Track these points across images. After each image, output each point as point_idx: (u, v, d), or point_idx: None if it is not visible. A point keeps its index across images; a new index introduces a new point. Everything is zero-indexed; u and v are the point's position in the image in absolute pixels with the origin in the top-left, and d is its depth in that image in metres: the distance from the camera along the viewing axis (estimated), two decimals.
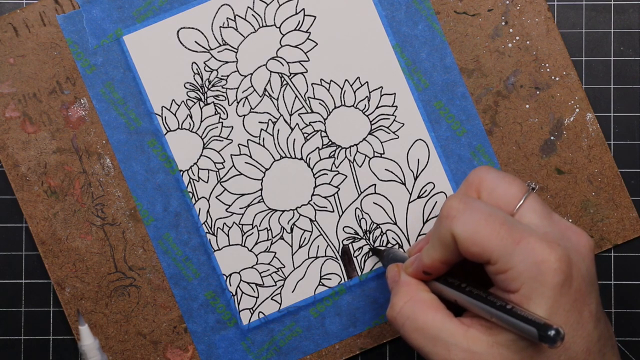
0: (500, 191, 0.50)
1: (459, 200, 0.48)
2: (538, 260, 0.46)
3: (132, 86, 0.61)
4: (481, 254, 0.47)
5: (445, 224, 0.48)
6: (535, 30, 0.62)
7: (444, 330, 0.48)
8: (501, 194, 0.49)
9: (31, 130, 0.61)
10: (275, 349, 0.61)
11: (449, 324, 0.48)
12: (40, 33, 0.61)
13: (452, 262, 0.50)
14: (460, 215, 0.47)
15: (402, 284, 0.51)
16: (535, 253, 0.46)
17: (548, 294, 0.46)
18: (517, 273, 0.46)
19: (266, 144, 0.61)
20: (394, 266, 0.54)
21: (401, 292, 0.51)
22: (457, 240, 0.47)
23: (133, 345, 0.61)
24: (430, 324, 0.49)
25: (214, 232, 0.61)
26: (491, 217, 0.47)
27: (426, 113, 0.62)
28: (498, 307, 0.46)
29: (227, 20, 0.61)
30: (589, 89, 0.63)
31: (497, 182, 0.50)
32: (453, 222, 0.47)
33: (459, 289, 0.49)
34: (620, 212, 0.62)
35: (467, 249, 0.47)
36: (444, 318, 0.49)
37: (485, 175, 0.50)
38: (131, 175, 0.61)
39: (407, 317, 0.50)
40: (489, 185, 0.50)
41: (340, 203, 0.61)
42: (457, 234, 0.47)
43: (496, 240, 0.46)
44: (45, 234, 0.61)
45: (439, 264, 0.50)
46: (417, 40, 0.62)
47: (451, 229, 0.48)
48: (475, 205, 0.48)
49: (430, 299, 0.50)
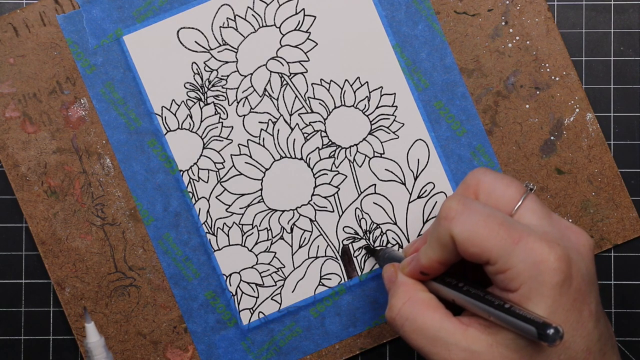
0: (498, 193, 0.50)
1: (457, 201, 0.48)
2: (537, 259, 0.46)
3: (132, 86, 0.61)
4: (480, 255, 0.47)
5: (444, 225, 0.48)
6: (535, 30, 0.62)
7: (444, 330, 0.48)
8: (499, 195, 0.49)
9: (31, 130, 0.61)
10: (275, 349, 0.61)
11: (448, 324, 0.48)
12: (40, 33, 0.61)
13: (450, 262, 0.50)
14: (459, 216, 0.47)
15: (400, 284, 0.51)
16: (535, 253, 0.46)
17: (548, 294, 0.46)
18: (517, 273, 0.46)
19: (266, 144, 0.61)
20: (390, 266, 0.54)
21: (399, 293, 0.51)
22: (456, 241, 0.47)
23: (133, 345, 0.61)
24: (429, 324, 0.49)
25: (214, 232, 0.61)
26: (490, 217, 0.47)
27: (426, 113, 0.62)
28: (497, 307, 0.46)
29: (227, 20, 0.61)
30: (589, 89, 0.63)
31: (495, 183, 0.50)
32: (452, 223, 0.48)
33: (457, 289, 0.49)
34: (620, 212, 0.62)
35: (466, 250, 0.47)
36: (443, 318, 0.49)
37: (483, 177, 0.50)
38: (131, 175, 0.61)
39: (406, 318, 0.50)
40: (486, 187, 0.50)
41: (340, 203, 0.61)
42: (455, 234, 0.47)
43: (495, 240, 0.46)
44: (45, 234, 0.61)
45: (437, 264, 0.50)
46: (417, 40, 0.62)
47: (450, 230, 0.48)
48: (473, 206, 0.48)
49: (428, 299, 0.50)
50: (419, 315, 0.49)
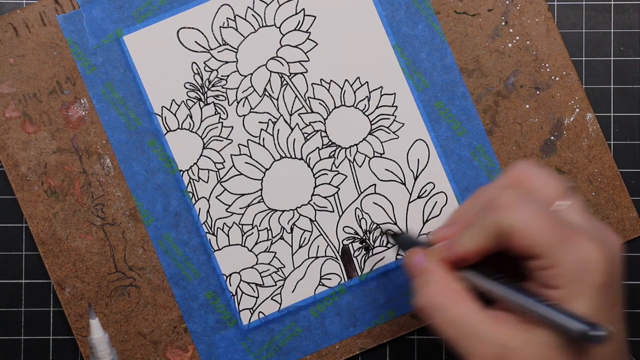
0: (543, 188, 0.49)
1: (513, 192, 0.47)
2: (585, 259, 0.45)
3: (132, 86, 0.61)
4: (530, 248, 0.46)
5: (497, 214, 0.47)
6: (535, 30, 0.62)
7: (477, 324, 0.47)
8: (544, 191, 0.49)
9: (31, 130, 0.61)
10: (275, 349, 0.61)
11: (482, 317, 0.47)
12: (40, 33, 0.61)
13: (489, 253, 0.48)
14: (515, 207, 0.46)
15: (431, 271, 0.49)
16: (584, 252, 0.45)
17: (592, 294, 0.45)
18: (563, 270, 0.45)
19: (266, 144, 0.61)
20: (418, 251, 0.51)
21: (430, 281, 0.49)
22: (511, 231, 0.46)
23: (133, 345, 0.61)
24: (462, 316, 0.47)
25: (214, 232, 0.61)
26: (545, 213, 0.46)
27: (426, 113, 0.62)
28: (541, 302, 0.45)
29: (227, 20, 0.61)
30: (589, 89, 0.63)
31: (540, 179, 0.49)
32: (507, 213, 0.46)
33: (495, 281, 0.47)
34: (620, 212, 0.62)
35: (518, 242, 0.46)
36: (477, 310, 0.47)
37: (528, 172, 0.49)
38: (131, 175, 0.61)
39: (438, 308, 0.48)
40: (531, 182, 0.49)
41: (340, 203, 0.61)
42: (511, 225, 0.46)
43: (548, 235, 0.45)
44: (45, 234, 0.61)
45: (475, 253, 0.48)
46: (417, 40, 0.62)
47: (504, 220, 0.46)
48: (529, 199, 0.47)
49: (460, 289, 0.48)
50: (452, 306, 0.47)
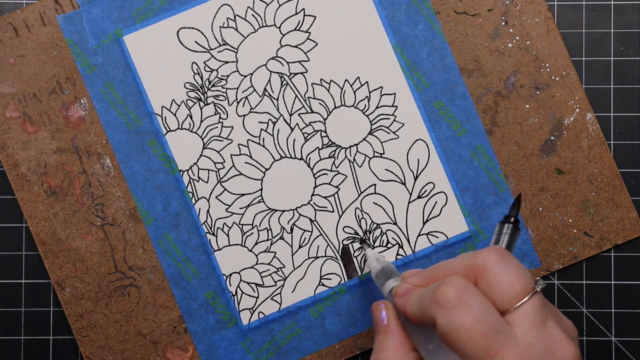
0: (501, 288, 0.48)
1: (455, 290, 0.47)
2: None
3: (132, 86, 0.61)
4: (455, 350, 0.47)
5: (433, 308, 0.47)
6: (535, 30, 0.62)
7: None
8: (501, 290, 0.48)
9: (31, 130, 0.61)
10: (275, 349, 0.61)
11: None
12: (40, 33, 0.61)
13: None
14: (450, 310, 0.46)
15: (390, 333, 0.51)
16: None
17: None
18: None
19: (266, 144, 0.61)
20: (383, 306, 0.53)
21: (388, 346, 0.51)
22: (442, 330, 0.47)
23: (133, 345, 0.61)
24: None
25: (214, 232, 0.61)
26: (477, 323, 0.46)
27: (426, 113, 0.62)
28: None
29: (227, 20, 0.61)
30: (589, 89, 0.63)
31: (501, 277, 0.48)
32: (440, 311, 0.47)
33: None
34: (620, 212, 0.62)
35: (443, 339, 0.47)
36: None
37: (492, 267, 0.48)
38: (131, 175, 0.61)
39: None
40: (491, 278, 0.48)
41: (340, 203, 0.61)
42: (439, 324, 0.47)
43: (472, 349, 0.46)
44: (45, 234, 0.61)
45: (419, 321, 0.49)
46: (417, 40, 0.62)
47: (439, 318, 0.47)
48: (468, 302, 0.47)
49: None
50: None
